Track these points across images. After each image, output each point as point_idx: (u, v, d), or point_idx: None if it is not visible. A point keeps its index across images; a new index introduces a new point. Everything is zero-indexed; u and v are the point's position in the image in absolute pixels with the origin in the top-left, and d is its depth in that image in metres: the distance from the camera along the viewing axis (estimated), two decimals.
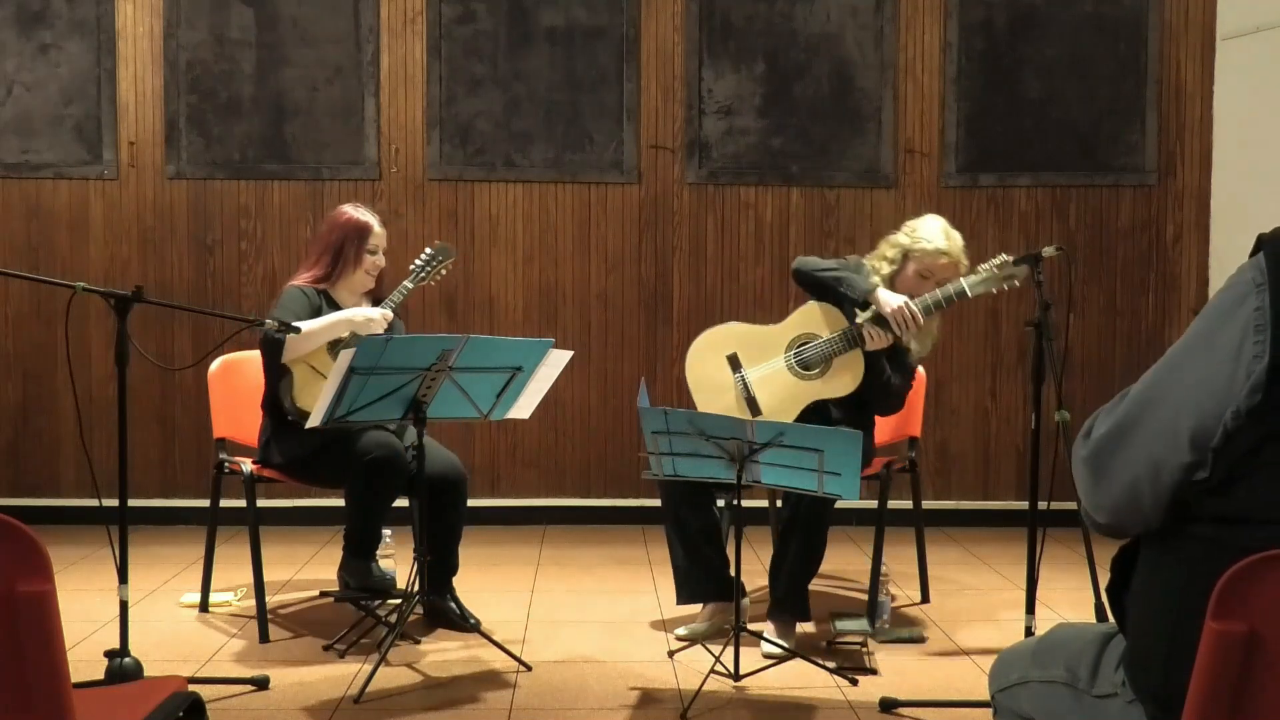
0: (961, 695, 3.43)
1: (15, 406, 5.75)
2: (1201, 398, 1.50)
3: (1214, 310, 1.54)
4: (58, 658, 1.65)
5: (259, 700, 3.43)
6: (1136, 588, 1.63)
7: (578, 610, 4.39)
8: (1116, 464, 1.56)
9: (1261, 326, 1.48)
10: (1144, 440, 1.54)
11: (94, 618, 4.11)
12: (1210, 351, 1.51)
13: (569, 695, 3.49)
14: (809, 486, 3.40)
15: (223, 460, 4.14)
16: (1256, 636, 1.42)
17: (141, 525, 5.39)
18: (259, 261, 5.76)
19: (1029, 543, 3.44)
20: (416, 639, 3.94)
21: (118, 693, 2.51)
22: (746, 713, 3.37)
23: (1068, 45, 5.83)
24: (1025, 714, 1.87)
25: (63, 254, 5.72)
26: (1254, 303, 1.49)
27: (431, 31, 5.73)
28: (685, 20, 5.75)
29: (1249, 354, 1.48)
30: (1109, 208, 5.87)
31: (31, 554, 1.62)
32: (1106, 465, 1.58)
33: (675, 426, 3.44)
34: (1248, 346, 1.48)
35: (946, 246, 4.04)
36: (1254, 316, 1.49)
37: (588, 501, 5.79)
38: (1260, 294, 1.49)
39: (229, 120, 5.74)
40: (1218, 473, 1.49)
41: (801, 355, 4.04)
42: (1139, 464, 1.54)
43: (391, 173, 5.77)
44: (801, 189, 5.84)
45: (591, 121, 5.77)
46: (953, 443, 5.89)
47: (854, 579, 4.81)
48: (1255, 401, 1.46)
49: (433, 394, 3.60)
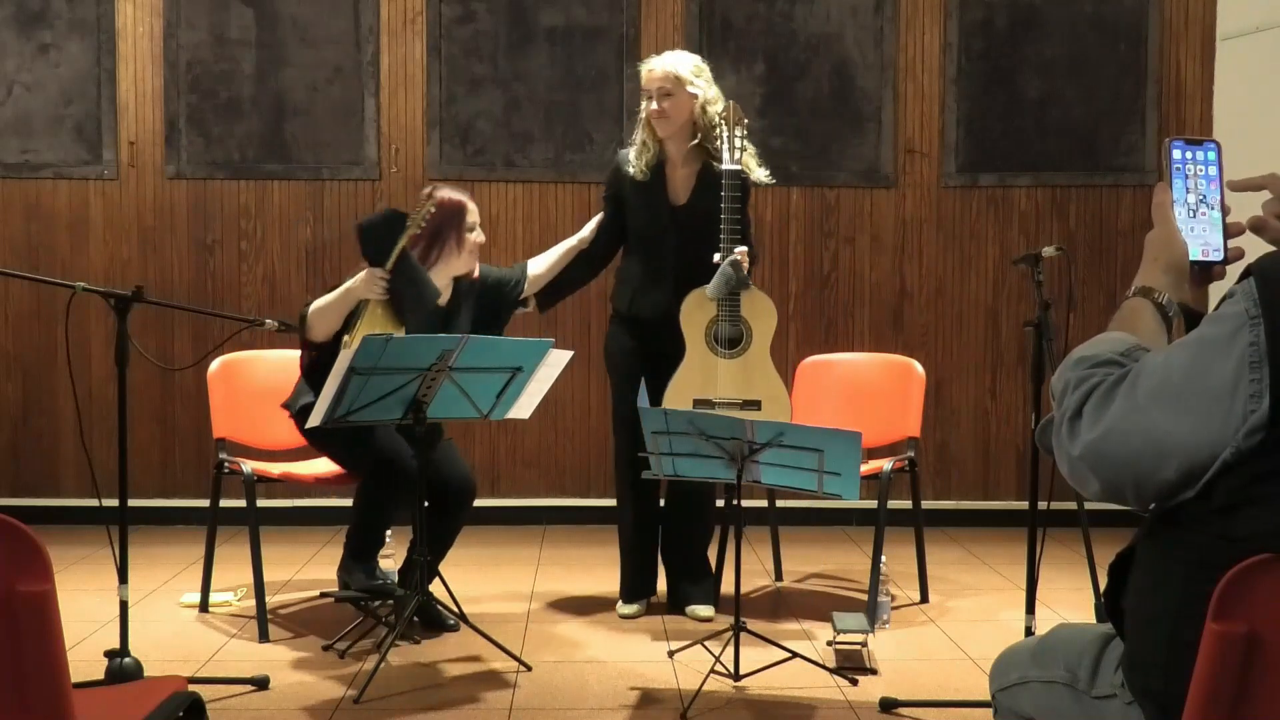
0: (961, 695, 3.43)
1: (15, 406, 5.75)
2: (1195, 427, 1.47)
3: (1208, 341, 1.50)
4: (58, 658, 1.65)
5: (259, 700, 3.43)
6: (1134, 590, 1.63)
7: (578, 610, 4.39)
8: (1103, 467, 1.54)
9: (1257, 364, 1.45)
10: (1129, 458, 1.51)
11: (94, 618, 4.11)
12: (1205, 379, 1.48)
13: (569, 695, 3.49)
14: (809, 486, 3.40)
15: (223, 460, 4.14)
16: (1257, 637, 1.42)
17: (141, 525, 5.39)
18: (259, 261, 5.76)
19: (1029, 543, 3.44)
20: (416, 639, 3.94)
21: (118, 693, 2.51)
22: (746, 713, 3.37)
23: (1068, 45, 5.83)
24: (1025, 714, 1.87)
25: (63, 254, 5.72)
26: (1248, 337, 1.46)
27: (431, 31, 5.73)
28: (685, 20, 5.75)
29: (1245, 391, 1.45)
30: (1109, 208, 5.87)
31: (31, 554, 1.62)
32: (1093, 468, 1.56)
33: (675, 426, 3.44)
34: (1244, 385, 1.45)
35: (649, 62, 4.15)
36: (1249, 352, 1.46)
37: (588, 501, 5.79)
38: (1255, 328, 1.46)
39: (229, 120, 5.74)
40: (1218, 499, 1.47)
41: (721, 341, 4.04)
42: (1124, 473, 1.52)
43: (391, 173, 5.77)
44: (801, 189, 5.84)
45: (591, 121, 5.77)
46: (953, 443, 5.89)
47: (854, 579, 4.81)
48: (1255, 442, 1.44)
49: (433, 394, 3.60)
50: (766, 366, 4.05)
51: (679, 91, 4.07)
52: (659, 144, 4.14)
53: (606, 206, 4.29)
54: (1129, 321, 1.66)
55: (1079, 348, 1.66)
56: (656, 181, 4.13)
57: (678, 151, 4.14)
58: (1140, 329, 1.64)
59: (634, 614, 4.26)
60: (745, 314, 4.03)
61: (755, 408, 4.01)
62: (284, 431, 4.38)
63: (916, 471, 4.44)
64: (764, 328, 4.06)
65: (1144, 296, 1.66)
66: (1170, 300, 1.65)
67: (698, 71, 4.13)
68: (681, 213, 4.14)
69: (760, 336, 4.05)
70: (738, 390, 4.02)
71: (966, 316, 5.87)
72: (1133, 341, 1.61)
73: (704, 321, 4.03)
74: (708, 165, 4.11)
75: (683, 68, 4.11)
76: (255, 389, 4.40)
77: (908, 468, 4.37)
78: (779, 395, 4.04)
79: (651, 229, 4.15)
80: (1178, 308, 1.66)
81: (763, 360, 4.05)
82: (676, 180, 4.15)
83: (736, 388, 4.01)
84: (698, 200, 4.11)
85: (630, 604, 4.28)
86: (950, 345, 5.87)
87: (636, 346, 4.20)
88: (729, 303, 4.00)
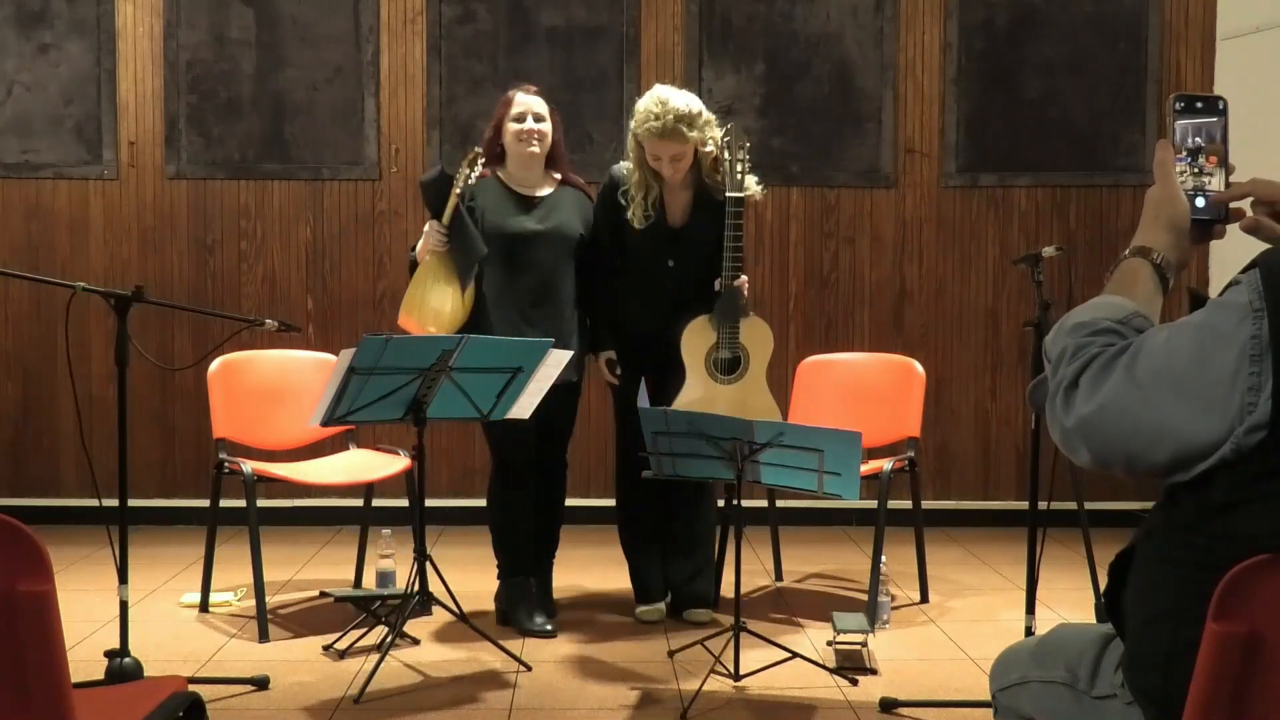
0: (961, 695, 3.43)
1: (15, 406, 5.75)
2: (1192, 415, 1.47)
3: (1211, 328, 1.49)
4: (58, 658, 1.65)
5: (259, 700, 3.43)
6: (1134, 590, 1.63)
7: (578, 610, 4.39)
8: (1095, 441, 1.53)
9: (1257, 357, 1.45)
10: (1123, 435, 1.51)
11: (94, 618, 4.11)
12: (1205, 367, 1.47)
13: (569, 695, 3.49)
14: (809, 486, 3.40)
15: (223, 460, 4.14)
16: (1257, 637, 1.42)
17: (141, 525, 5.39)
18: (259, 261, 5.76)
19: (1029, 543, 3.44)
20: (416, 639, 3.94)
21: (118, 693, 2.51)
22: (746, 713, 3.37)
23: (1068, 45, 5.83)
24: (1026, 714, 1.87)
25: (63, 254, 5.72)
26: (1250, 329, 1.46)
27: (431, 31, 5.73)
28: (685, 20, 5.75)
29: (1243, 384, 1.45)
30: (1109, 208, 5.87)
31: (31, 554, 1.62)
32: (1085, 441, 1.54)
33: (675, 427, 3.44)
34: (1243, 377, 1.45)
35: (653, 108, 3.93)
36: (1250, 345, 1.45)
37: (588, 501, 5.78)
38: (1258, 321, 1.46)
39: (229, 120, 5.74)
40: (1218, 497, 1.47)
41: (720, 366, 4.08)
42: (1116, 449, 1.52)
43: (391, 173, 5.77)
44: (801, 189, 5.84)
45: (591, 121, 5.77)
46: (953, 443, 5.89)
47: (854, 579, 4.81)
48: (1255, 440, 1.44)
49: (433, 394, 3.60)
50: (762, 389, 4.09)
51: (689, 144, 3.97)
52: (661, 181, 4.07)
53: (602, 225, 4.16)
54: (1126, 283, 1.64)
55: (1075, 311, 1.64)
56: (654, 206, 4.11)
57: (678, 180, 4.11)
58: (1137, 291, 1.62)
59: (655, 617, 4.22)
60: (744, 340, 4.06)
61: None
62: (284, 431, 4.39)
63: (916, 471, 4.44)
64: (761, 353, 4.10)
65: (1142, 256, 1.64)
66: (1168, 260, 1.64)
67: (705, 121, 3.99)
68: (679, 235, 4.12)
69: (757, 362, 4.09)
70: (735, 413, 4.01)
71: (966, 316, 5.86)
72: (1131, 308, 1.60)
73: (704, 348, 4.06)
74: (703, 187, 4.08)
75: (693, 127, 3.93)
76: (255, 389, 4.40)
77: (908, 468, 4.36)
78: (773, 416, 4.07)
79: (648, 251, 4.12)
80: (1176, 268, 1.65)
81: (759, 384, 4.09)
82: (674, 205, 4.12)
83: (734, 410, 4.01)
84: (695, 223, 4.10)
85: (648, 605, 4.25)
86: (950, 345, 5.87)
87: (633, 353, 4.19)
88: (729, 330, 4.04)
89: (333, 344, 5.08)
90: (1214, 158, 1.67)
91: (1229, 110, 1.68)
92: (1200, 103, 1.68)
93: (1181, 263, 1.66)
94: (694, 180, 4.10)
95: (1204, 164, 1.66)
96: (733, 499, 4.03)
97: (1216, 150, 1.67)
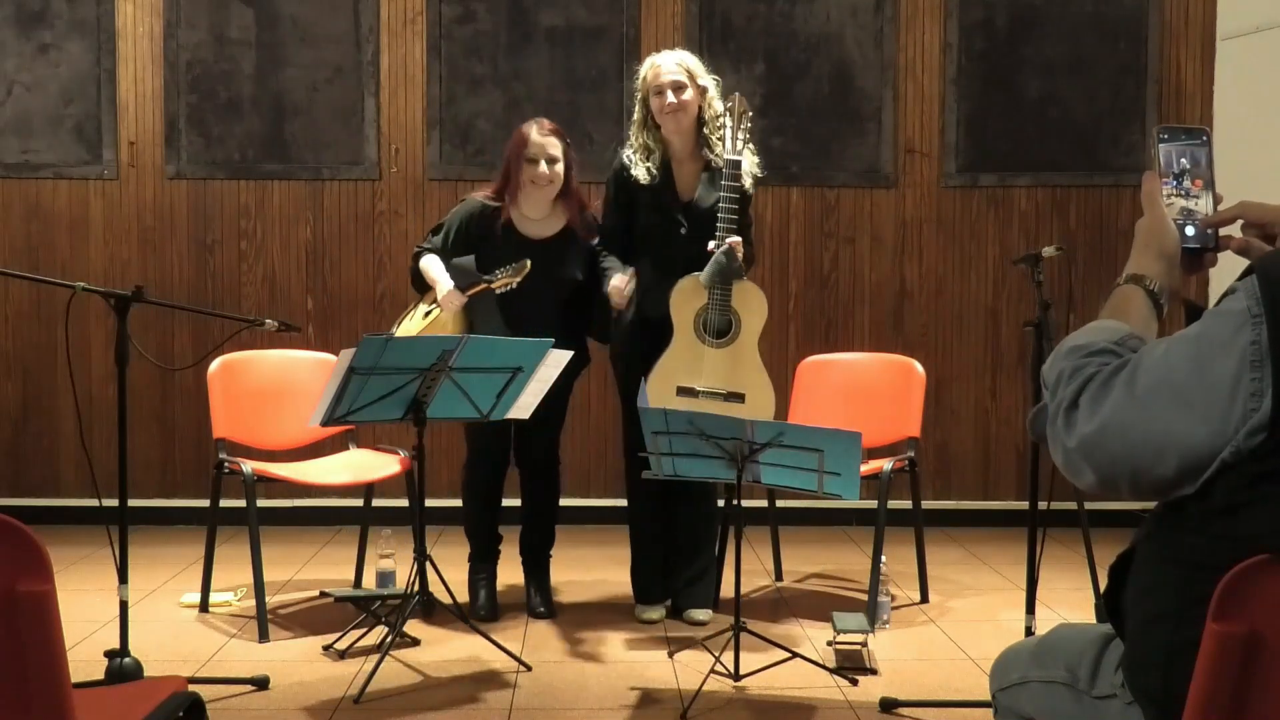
0: (961, 695, 3.43)
1: (15, 406, 5.75)
2: (1195, 424, 1.46)
3: (1209, 337, 1.49)
4: (58, 658, 1.65)
5: (259, 700, 3.43)
6: (1134, 590, 1.63)
7: (578, 610, 4.39)
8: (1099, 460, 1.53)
9: (1258, 362, 1.44)
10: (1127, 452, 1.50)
11: (94, 618, 4.11)
12: (1206, 376, 1.47)
13: (569, 695, 3.49)
14: (809, 486, 3.40)
15: (223, 460, 4.14)
16: (1257, 637, 1.42)
17: (141, 525, 5.39)
18: (259, 261, 5.76)
19: (1029, 543, 3.44)
20: (416, 639, 3.94)
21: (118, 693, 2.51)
22: (746, 713, 3.37)
23: (1068, 45, 5.83)
24: (1026, 714, 1.87)
25: (63, 254, 5.72)
26: (1249, 335, 1.45)
27: (431, 31, 5.73)
28: (685, 20, 5.75)
29: (1246, 390, 1.44)
30: (1109, 208, 5.87)
31: (31, 554, 1.62)
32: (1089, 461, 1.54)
33: (675, 427, 3.44)
34: (1244, 383, 1.45)
35: (655, 59, 4.12)
36: (1250, 350, 1.45)
37: (588, 501, 5.79)
38: (1256, 327, 1.45)
39: (229, 120, 5.74)
40: (1218, 499, 1.46)
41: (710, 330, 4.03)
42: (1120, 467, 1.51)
43: (391, 173, 5.77)
44: (801, 189, 5.84)
45: (591, 121, 5.77)
46: (953, 443, 5.89)
47: (854, 579, 4.81)
48: (1255, 443, 1.43)
49: (433, 394, 3.61)
50: (754, 360, 4.03)
51: (691, 84, 4.06)
52: (663, 145, 4.12)
53: (613, 211, 4.21)
54: (1120, 309, 1.65)
55: (1071, 336, 1.65)
56: (664, 180, 4.12)
57: (683, 148, 4.13)
58: (1132, 316, 1.63)
59: (655, 617, 4.21)
60: (735, 305, 4.01)
61: (739, 400, 3.98)
62: (284, 431, 4.39)
63: (916, 471, 4.43)
64: (753, 320, 4.03)
65: (1135, 284, 1.65)
66: (1161, 287, 1.65)
67: (707, 77, 4.15)
68: (690, 209, 4.12)
69: (749, 328, 4.02)
70: (723, 381, 4.00)
71: (966, 316, 5.86)
72: (1126, 330, 1.60)
73: (694, 308, 4.01)
74: (711, 160, 4.11)
75: (692, 61, 4.12)
76: (255, 389, 4.40)
77: (908, 468, 4.36)
78: (764, 390, 4.01)
79: (661, 227, 4.12)
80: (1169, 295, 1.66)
81: (750, 353, 4.03)
82: (683, 177, 4.15)
83: (721, 378, 3.99)
84: (705, 195, 4.10)
85: (648, 605, 4.24)
86: (950, 345, 5.87)
87: (646, 349, 4.14)
88: (720, 292, 3.98)
89: (333, 344, 5.08)
90: (1199, 180, 1.68)
91: (1213, 142, 1.71)
92: (1184, 134, 1.71)
93: (1174, 290, 1.67)
94: (701, 153, 4.13)
95: (1190, 186, 1.68)
96: (733, 499, 4.02)
97: (1202, 175, 1.69)
